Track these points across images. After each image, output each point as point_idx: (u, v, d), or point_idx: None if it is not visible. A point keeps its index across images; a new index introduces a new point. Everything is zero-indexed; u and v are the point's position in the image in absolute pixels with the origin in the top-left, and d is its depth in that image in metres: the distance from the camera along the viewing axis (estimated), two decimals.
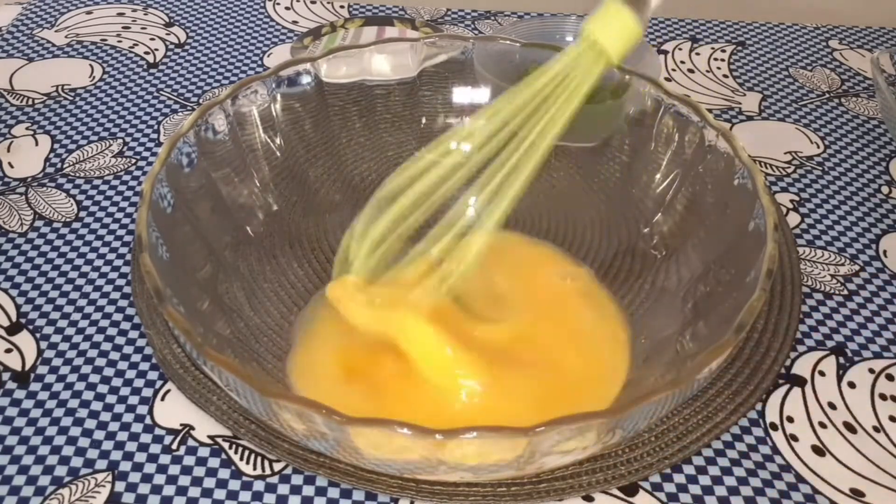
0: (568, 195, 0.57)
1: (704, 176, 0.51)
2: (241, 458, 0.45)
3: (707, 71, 0.75)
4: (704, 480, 0.45)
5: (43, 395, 0.48)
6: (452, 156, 0.45)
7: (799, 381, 0.50)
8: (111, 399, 0.48)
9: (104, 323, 0.52)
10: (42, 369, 0.49)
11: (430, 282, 0.45)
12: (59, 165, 0.63)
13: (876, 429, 0.48)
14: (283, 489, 0.44)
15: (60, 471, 0.44)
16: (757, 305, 0.40)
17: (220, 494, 0.44)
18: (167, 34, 0.78)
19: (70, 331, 0.51)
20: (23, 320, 0.52)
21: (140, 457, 0.45)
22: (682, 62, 0.76)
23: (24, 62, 0.74)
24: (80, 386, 0.48)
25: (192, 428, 0.47)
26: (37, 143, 0.65)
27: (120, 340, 0.51)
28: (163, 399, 0.48)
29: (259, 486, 0.44)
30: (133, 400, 0.48)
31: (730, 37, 0.80)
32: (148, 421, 0.47)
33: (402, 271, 0.46)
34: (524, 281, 0.52)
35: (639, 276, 0.52)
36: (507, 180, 0.44)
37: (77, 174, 0.62)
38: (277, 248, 0.53)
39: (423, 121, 0.58)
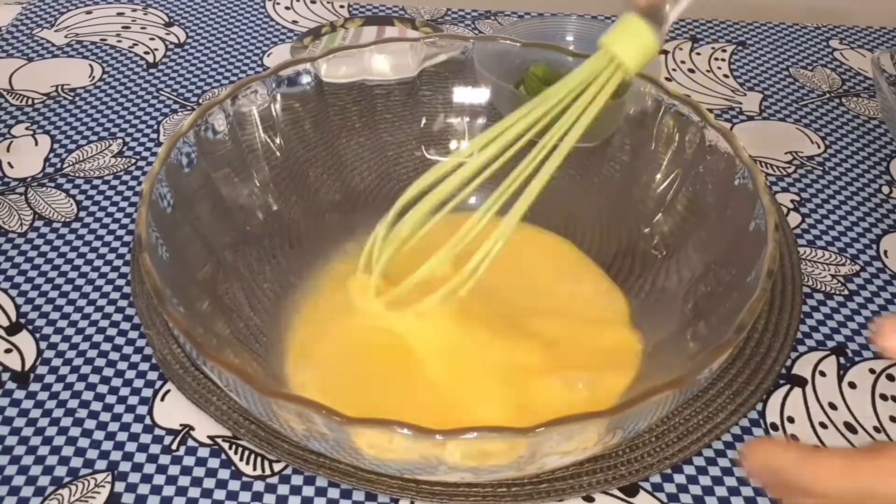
0: (568, 195, 0.57)
1: (705, 176, 0.50)
2: (241, 459, 0.45)
3: (707, 71, 0.75)
4: (705, 481, 0.45)
5: (42, 396, 0.48)
6: (472, 161, 0.45)
7: (799, 382, 0.50)
8: (111, 399, 0.48)
9: (104, 323, 0.52)
10: (42, 369, 0.49)
11: (447, 286, 0.45)
12: (58, 165, 0.63)
13: (876, 429, 0.47)
14: (283, 489, 0.44)
15: (60, 471, 0.44)
16: (757, 305, 0.40)
17: (219, 495, 0.44)
18: (167, 34, 0.78)
19: (70, 331, 0.51)
20: (22, 320, 0.52)
21: (140, 457, 0.45)
22: (683, 62, 0.76)
23: (24, 62, 0.74)
24: (79, 386, 0.48)
25: (191, 428, 0.47)
26: (36, 143, 0.65)
27: (119, 341, 0.51)
28: (162, 399, 0.48)
29: (259, 486, 0.44)
30: (133, 400, 0.48)
31: (730, 37, 0.79)
32: (148, 421, 0.47)
33: (423, 272, 0.46)
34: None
35: (639, 276, 0.52)
36: (527, 184, 0.44)
37: (77, 174, 0.62)
38: (277, 248, 0.53)
39: (423, 121, 0.58)
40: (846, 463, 0.33)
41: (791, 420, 0.48)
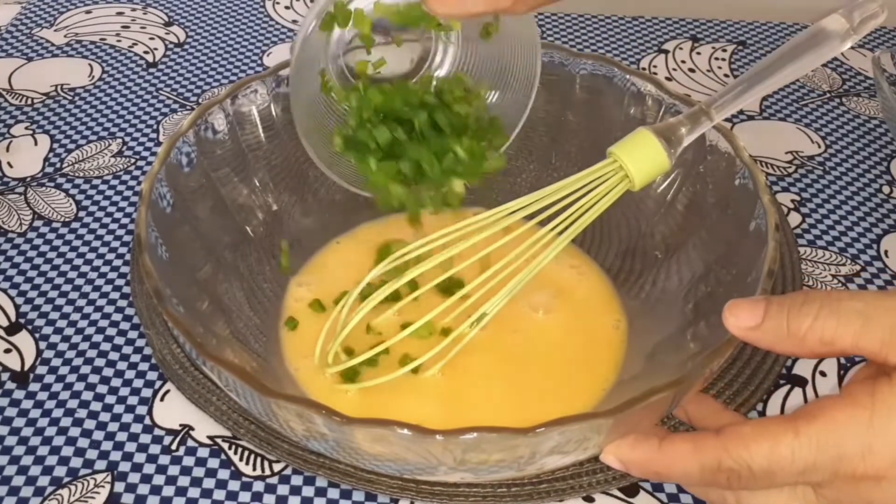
0: None
1: (705, 176, 0.50)
2: (241, 459, 0.45)
3: (708, 70, 0.75)
4: None
5: (42, 396, 0.48)
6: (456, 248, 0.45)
7: (800, 382, 0.50)
8: (110, 399, 0.48)
9: (103, 323, 0.52)
10: (41, 369, 0.49)
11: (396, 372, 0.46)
12: (58, 165, 0.63)
13: None
14: (283, 490, 0.44)
15: (60, 471, 0.44)
16: None
17: (219, 495, 0.44)
18: (166, 33, 0.78)
19: (69, 331, 0.51)
20: (22, 320, 0.52)
21: (139, 457, 0.45)
22: (683, 61, 0.76)
23: (24, 62, 0.74)
24: (79, 386, 0.48)
25: (191, 428, 0.47)
26: (36, 143, 0.65)
27: (119, 341, 0.51)
28: (162, 399, 0.48)
29: (259, 486, 0.44)
30: (132, 400, 0.48)
31: (730, 36, 0.79)
32: (147, 421, 0.47)
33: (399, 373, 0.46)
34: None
35: (640, 275, 0.52)
36: (518, 277, 0.45)
37: (76, 174, 0.62)
38: (277, 248, 0.53)
39: None
40: (693, 445, 0.35)
41: None
